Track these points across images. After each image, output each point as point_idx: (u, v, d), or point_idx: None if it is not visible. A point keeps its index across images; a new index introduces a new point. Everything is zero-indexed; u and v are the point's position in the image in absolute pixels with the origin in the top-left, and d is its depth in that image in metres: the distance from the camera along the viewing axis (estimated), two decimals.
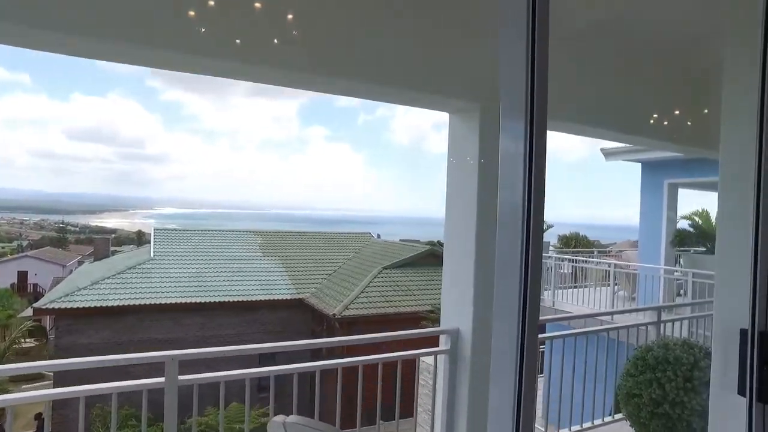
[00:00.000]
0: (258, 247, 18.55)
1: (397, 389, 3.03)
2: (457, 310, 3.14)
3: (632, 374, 2.44)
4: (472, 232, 3.04)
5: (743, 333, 1.54)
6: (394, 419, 3.00)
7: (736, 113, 1.82)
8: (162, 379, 2.46)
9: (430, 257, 17.73)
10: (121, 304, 13.91)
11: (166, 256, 16.75)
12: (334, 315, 13.84)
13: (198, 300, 14.81)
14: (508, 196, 1.13)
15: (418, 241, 26.27)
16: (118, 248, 31.93)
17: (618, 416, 3.98)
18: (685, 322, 5.01)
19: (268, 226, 31.32)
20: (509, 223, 1.11)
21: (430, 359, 3.16)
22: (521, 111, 1.11)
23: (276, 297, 15.78)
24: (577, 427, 3.71)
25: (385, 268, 16.47)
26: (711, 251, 7.73)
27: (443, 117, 3.23)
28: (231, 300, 15.13)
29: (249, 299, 15.33)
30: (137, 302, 14.12)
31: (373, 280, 15.69)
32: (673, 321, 4.59)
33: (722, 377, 1.59)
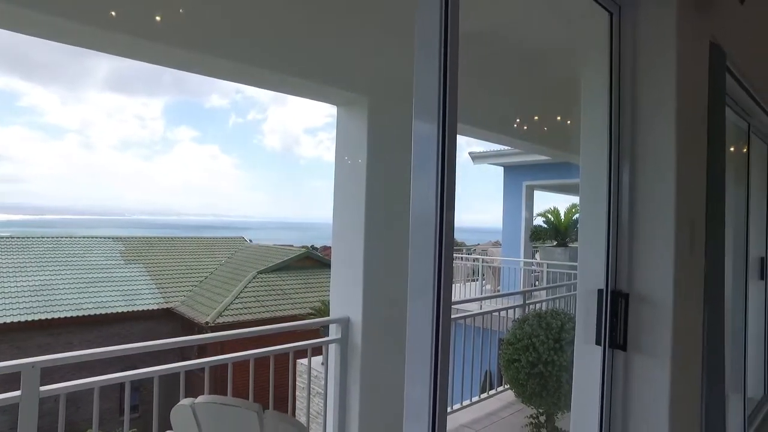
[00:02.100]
0: (119, 255, 16.82)
1: (290, 383, 3.00)
2: (346, 300, 3.20)
3: (512, 342, 2.74)
4: (361, 223, 3.12)
5: (600, 292, 1.82)
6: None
7: (591, 122, 2.04)
8: (17, 393, 2.15)
9: (307, 260, 17.62)
10: None
11: None
12: (206, 323, 13.09)
13: (43, 317, 12.96)
14: (421, 193, 1.20)
15: (292, 246, 25.93)
16: None
17: (492, 392, 4.39)
18: (543, 305, 5.66)
19: (129, 233, 28.50)
20: (424, 216, 1.18)
21: (312, 361, 3.19)
22: (434, 114, 1.19)
23: (140, 308, 14.46)
24: (458, 405, 4.00)
25: (260, 272, 15.98)
26: (561, 244, 8.81)
27: (315, 122, 3.28)
28: (86, 314, 13.50)
29: (108, 312, 13.84)
30: None
31: (248, 285, 15.14)
32: (535, 303, 5.17)
33: (584, 331, 1.87)
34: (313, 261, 17.69)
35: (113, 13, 2.23)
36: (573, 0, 1.94)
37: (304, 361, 5.36)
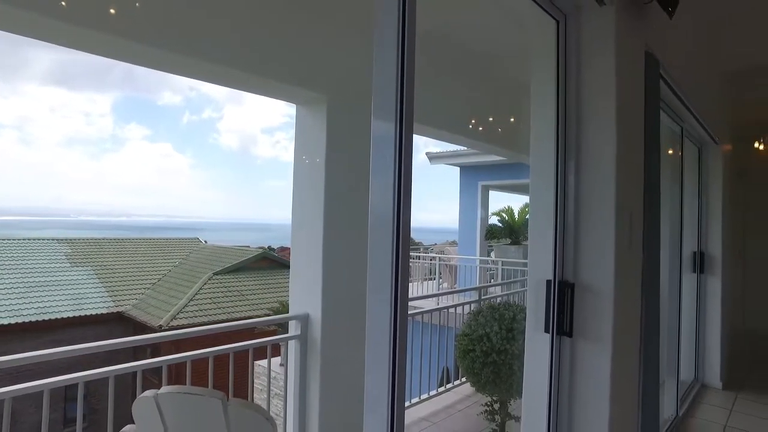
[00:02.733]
0: (65, 257, 16.03)
1: (249, 381, 3.00)
2: (306, 297, 3.23)
3: (467, 334, 2.85)
4: (320, 221, 3.16)
5: (548, 283, 1.94)
6: None
7: (540, 124, 2.14)
8: None
9: (264, 261, 17.41)
10: None
11: None
12: (160, 326, 12.71)
13: None
14: (379, 192, 1.24)
15: (248, 247, 25.50)
16: None
17: (449, 386, 4.51)
18: (498, 299, 5.85)
19: (75, 235, 27.17)
20: (382, 215, 1.23)
21: (266, 364, 3.19)
22: (391, 113, 1.25)
23: (88, 312, 13.84)
24: (416, 399, 4.10)
25: (216, 273, 15.66)
26: (515, 242, 9.11)
27: (273, 121, 3.27)
28: (26, 320, 12.77)
29: (52, 317, 13.17)
30: None
31: (204, 286, 14.82)
32: (490, 298, 5.35)
33: (534, 320, 1.98)
34: (270, 261, 17.50)
35: (63, 3, 2.18)
36: (523, 7, 2.05)
37: (262, 362, 5.32)
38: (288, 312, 3.27)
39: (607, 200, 1.95)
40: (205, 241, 23.78)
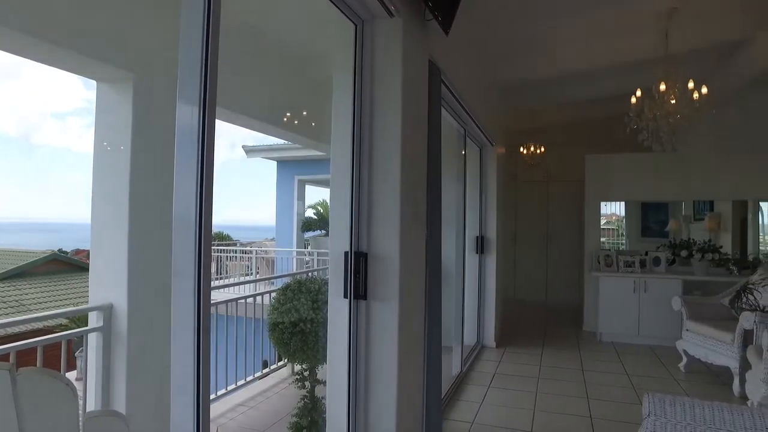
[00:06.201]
0: None
1: None
2: (109, 288, 3.02)
3: (276, 308, 3.01)
4: (125, 211, 2.99)
5: (346, 254, 2.21)
6: None
7: (340, 117, 2.38)
8: None
9: (53, 264, 15.04)
10: None
11: None
12: None
13: None
14: (182, 185, 1.31)
15: (32, 251, 21.71)
16: None
17: (266, 370, 4.61)
18: (305, 276, 6.12)
19: None
20: (184, 209, 1.30)
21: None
22: (195, 97, 1.32)
23: None
24: (233, 386, 4.11)
25: None
26: (329, 233, 9.56)
27: (64, 104, 2.99)
28: None
29: None
30: None
31: None
32: None
33: (335, 287, 2.23)
34: (63, 264, 15.15)
35: None
36: (327, 10, 2.27)
37: None
38: (85, 318, 3.00)
39: (393, 183, 2.28)
40: None
